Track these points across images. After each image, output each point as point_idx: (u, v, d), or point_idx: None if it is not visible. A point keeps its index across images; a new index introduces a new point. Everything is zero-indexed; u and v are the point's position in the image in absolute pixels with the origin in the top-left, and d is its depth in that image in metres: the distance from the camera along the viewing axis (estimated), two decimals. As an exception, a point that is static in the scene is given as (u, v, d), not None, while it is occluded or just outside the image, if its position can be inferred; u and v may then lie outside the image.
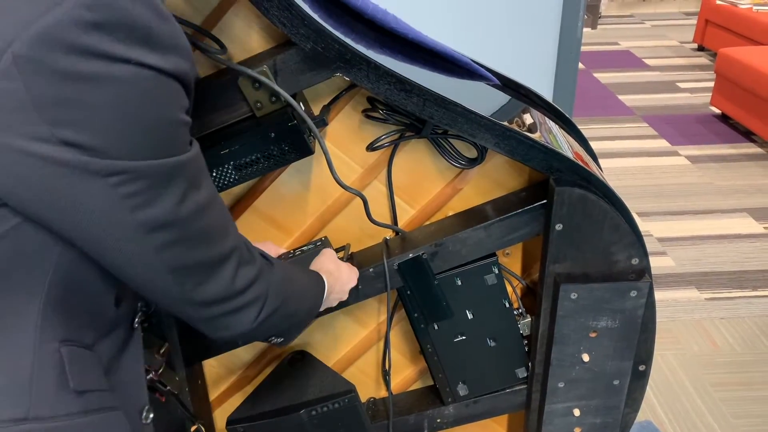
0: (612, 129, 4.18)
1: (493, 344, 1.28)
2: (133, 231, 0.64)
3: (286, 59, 1.00)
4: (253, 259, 0.79)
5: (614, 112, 4.45)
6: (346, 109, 1.15)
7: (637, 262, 1.16)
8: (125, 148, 0.60)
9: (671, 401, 2.08)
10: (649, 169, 3.64)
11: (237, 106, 1.03)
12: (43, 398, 0.68)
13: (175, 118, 0.64)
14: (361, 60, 1.00)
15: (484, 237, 1.16)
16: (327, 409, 1.24)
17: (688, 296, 2.58)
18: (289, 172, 1.21)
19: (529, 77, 1.45)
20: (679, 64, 5.45)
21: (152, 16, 0.60)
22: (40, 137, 0.57)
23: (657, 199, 3.30)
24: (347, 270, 1.12)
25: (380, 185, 1.23)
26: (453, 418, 1.36)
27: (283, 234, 1.27)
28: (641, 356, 1.25)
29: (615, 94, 4.78)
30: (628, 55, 5.74)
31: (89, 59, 0.56)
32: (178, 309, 0.75)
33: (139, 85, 0.59)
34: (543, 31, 1.74)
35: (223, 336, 0.79)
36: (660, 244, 2.91)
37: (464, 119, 1.06)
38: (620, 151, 3.86)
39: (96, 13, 0.56)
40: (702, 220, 3.11)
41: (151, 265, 0.67)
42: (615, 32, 6.49)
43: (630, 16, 7.18)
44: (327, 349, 1.39)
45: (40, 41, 0.55)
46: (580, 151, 1.30)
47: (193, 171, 0.67)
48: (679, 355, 2.28)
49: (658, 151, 3.85)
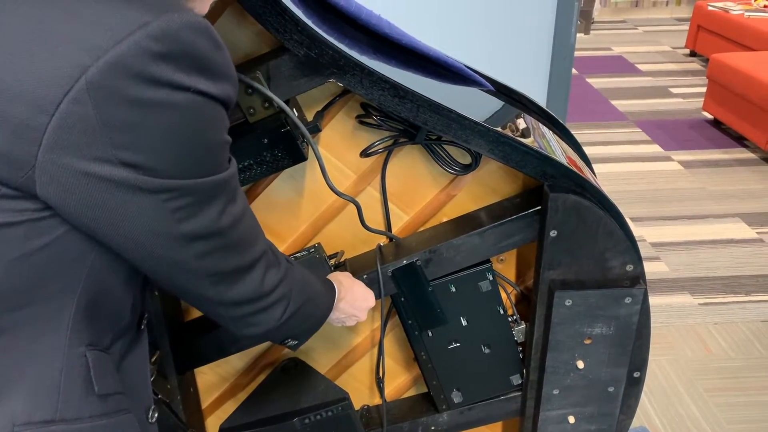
0: (605, 134, 4.18)
1: (487, 351, 1.27)
2: (178, 240, 0.68)
3: (279, 65, 0.99)
4: (279, 262, 0.84)
5: (607, 118, 4.46)
6: (339, 115, 1.15)
7: (632, 269, 1.15)
8: (177, 169, 0.64)
9: (665, 407, 2.08)
10: (642, 174, 3.65)
11: (229, 112, 1.02)
12: (71, 401, 0.71)
13: (221, 140, 0.69)
14: (355, 66, 1.00)
15: (479, 243, 1.16)
16: (320, 417, 1.23)
17: (681, 301, 2.59)
18: (282, 179, 1.20)
19: (523, 83, 1.45)
20: (671, 70, 5.47)
21: (211, 47, 0.64)
22: (102, 158, 0.60)
23: (650, 204, 3.31)
24: (362, 288, 1.13)
25: (374, 191, 1.22)
26: (447, 425, 1.36)
27: (276, 240, 1.26)
28: (636, 363, 1.24)
29: (608, 99, 4.79)
30: (620, 60, 5.76)
31: (155, 87, 0.60)
32: (210, 309, 0.79)
33: (194, 110, 0.64)
34: (537, 36, 1.74)
35: (250, 333, 0.83)
36: (653, 250, 2.91)
37: (458, 125, 1.05)
38: (613, 157, 3.86)
39: (163, 44, 0.59)
40: (695, 226, 3.11)
41: (192, 271, 0.72)
42: (608, 38, 6.52)
43: (623, 21, 7.22)
44: (320, 356, 1.38)
45: (112, 69, 0.58)
46: (574, 157, 1.30)
47: (231, 186, 0.72)
48: (673, 360, 2.28)
49: (651, 157, 3.86)
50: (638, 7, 7.37)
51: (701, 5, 5.58)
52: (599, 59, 5.79)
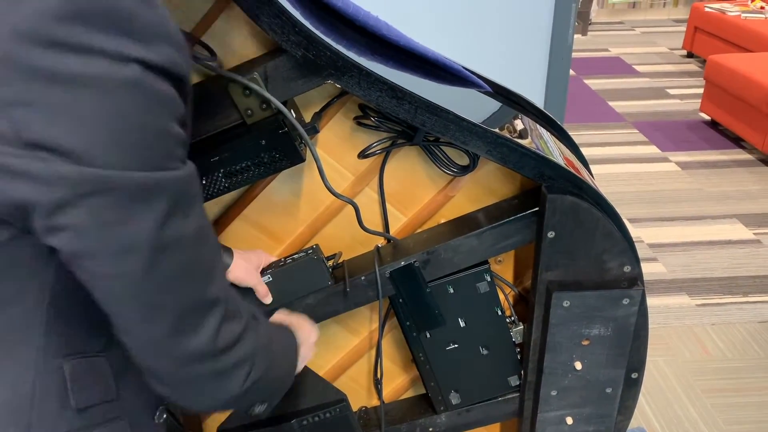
0: (602, 135, 4.19)
1: (485, 352, 1.27)
2: (101, 251, 0.56)
3: (276, 66, 0.99)
4: (239, 315, 0.70)
5: (605, 119, 4.47)
6: (337, 117, 1.15)
7: (630, 270, 1.15)
8: (99, 154, 0.53)
9: (663, 408, 2.08)
10: (640, 175, 3.65)
11: (227, 114, 1.02)
12: (44, 416, 0.65)
13: (163, 126, 0.57)
14: (353, 67, 1.00)
15: (476, 245, 1.16)
16: (318, 418, 1.22)
17: (679, 302, 2.59)
18: (280, 180, 1.20)
19: (520, 84, 1.45)
20: (668, 71, 5.48)
21: (134, 1, 0.54)
22: (4, 140, 0.52)
23: (648, 205, 3.31)
24: (307, 324, 1.06)
25: (372, 193, 1.22)
26: (445, 426, 1.36)
27: (273, 242, 1.26)
28: (633, 364, 1.24)
29: (605, 100, 4.80)
30: (618, 61, 5.77)
31: (64, 54, 0.50)
32: (153, 360, 0.65)
33: (121, 81, 0.53)
34: (534, 38, 1.74)
35: (205, 405, 0.70)
36: (651, 250, 2.91)
37: (456, 126, 1.05)
38: (611, 158, 3.87)
39: (69, 2, 0.50)
40: (692, 226, 3.12)
41: (120, 295, 0.59)
42: (605, 39, 6.53)
43: (620, 23, 7.23)
44: (318, 357, 1.37)
45: (11, 37, 0.50)
46: (571, 158, 1.30)
47: (180, 193, 0.59)
48: (671, 361, 2.28)
49: (648, 158, 3.87)
50: (635, 8, 7.38)
51: (698, 7, 5.59)
52: (597, 60, 5.80)
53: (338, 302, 1.19)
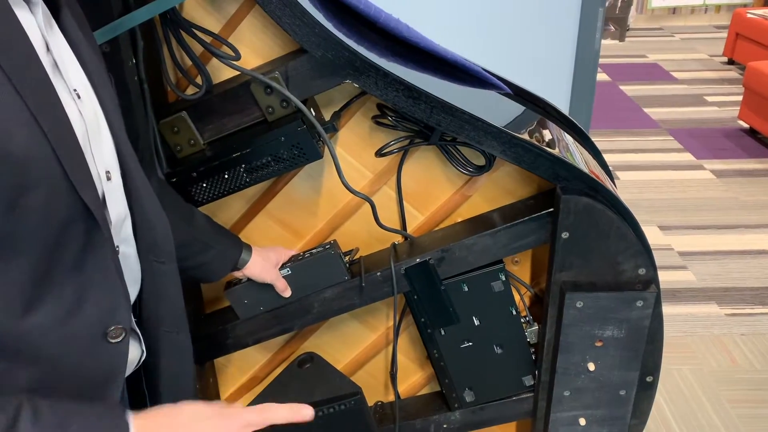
0: (636, 142, 4.14)
1: (499, 351, 1.28)
2: None
3: (297, 66, 1.03)
4: None
5: (639, 125, 4.41)
6: (357, 116, 1.18)
7: (644, 272, 1.16)
8: None
9: (686, 416, 2.06)
10: (673, 182, 3.60)
11: (250, 111, 1.06)
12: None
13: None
14: (370, 67, 1.03)
15: (491, 244, 1.17)
16: (333, 410, 1.25)
17: (707, 311, 2.55)
18: (301, 177, 1.23)
19: (545, 89, 1.45)
20: (707, 78, 5.39)
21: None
22: None
23: (680, 212, 3.27)
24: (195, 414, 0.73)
25: (390, 191, 1.25)
26: (459, 424, 1.37)
27: (294, 237, 1.29)
28: (648, 367, 1.24)
29: (641, 107, 4.74)
30: (655, 68, 5.69)
31: None
32: None
33: None
34: (560, 42, 1.75)
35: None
36: (681, 258, 2.87)
37: (471, 126, 1.08)
38: (644, 164, 3.82)
39: None
40: (725, 235, 3.07)
41: None
42: (643, 45, 6.44)
43: (659, 29, 7.12)
44: (336, 351, 1.41)
45: None
46: (596, 169, 1.29)
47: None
48: (696, 370, 2.25)
49: (682, 165, 3.81)
50: (676, 14, 7.26)
51: (740, 13, 5.48)
52: (633, 66, 5.73)
53: (354, 297, 1.22)
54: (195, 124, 1.06)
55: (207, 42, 1.03)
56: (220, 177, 1.08)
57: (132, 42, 0.98)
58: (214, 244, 1.06)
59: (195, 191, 1.10)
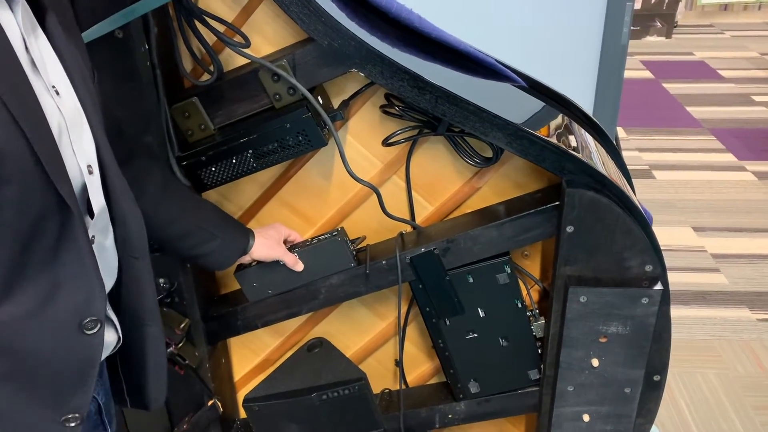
0: (676, 141, 4.04)
1: (505, 344, 1.29)
2: None
3: (304, 54, 1.05)
4: None
5: (680, 124, 4.31)
6: (367, 106, 1.19)
7: (651, 269, 1.14)
8: None
9: (707, 420, 2.02)
10: (712, 183, 3.51)
11: (258, 98, 1.08)
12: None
13: None
14: (376, 57, 1.04)
15: (496, 236, 1.18)
16: (337, 394, 1.28)
17: (738, 315, 2.49)
18: (312, 165, 1.25)
19: (568, 86, 1.43)
20: (756, 77, 5.21)
21: None
22: None
23: (716, 214, 3.18)
24: None
25: (399, 181, 1.26)
26: (464, 414, 1.38)
27: (305, 223, 1.32)
28: (655, 366, 1.23)
29: (683, 105, 4.62)
30: (702, 65, 5.53)
31: None
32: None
33: None
34: (583, 37, 1.71)
35: None
36: (714, 261, 2.80)
37: (476, 117, 1.08)
38: (682, 164, 3.73)
39: None
40: (761, 239, 2.97)
41: None
42: (690, 42, 6.26)
43: (709, 26, 6.91)
44: (346, 338, 1.43)
45: None
46: (616, 173, 1.26)
47: None
48: (722, 374, 2.20)
49: (722, 166, 3.71)
50: (727, 11, 7.04)
51: (793, 10, 5.29)
52: (678, 64, 5.59)
53: (360, 284, 1.24)
54: (206, 110, 1.09)
55: (217, 29, 1.06)
56: (228, 161, 1.11)
57: (145, 28, 1.01)
58: (219, 234, 1.09)
59: (204, 175, 1.13)
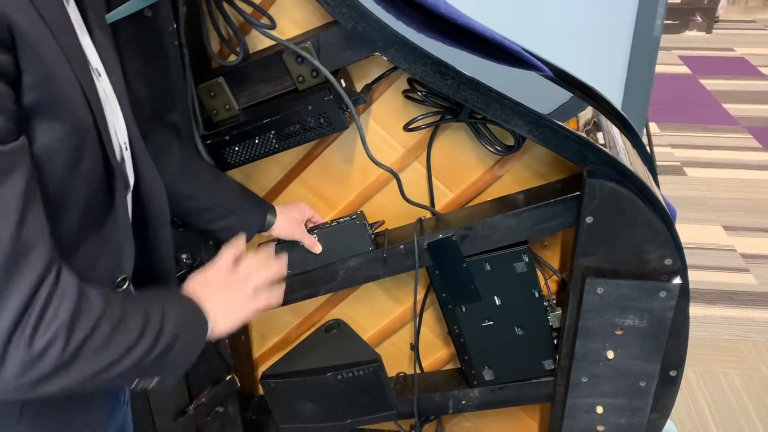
0: (710, 138, 3.97)
1: (520, 333, 1.29)
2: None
3: (328, 36, 1.06)
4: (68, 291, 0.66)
5: (716, 121, 4.22)
6: (390, 90, 1.20)
7: (671, 263, 1.13)
8: None
9: (728, 420, 1.99)
10: (746, 182, 3.44)
11: (282, 79, 1.10)
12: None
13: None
14: (399, 41, 1.04)
15: (514, 224, 1.18)
16: (352, 374, 1.29)
17: (765, 317, 2.44)
18: (335, 148, 1.27)
19: (597, 79, 1.41)
20: (799, 75, 5.08)
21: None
22: None
23: (748, 213, 3.12)
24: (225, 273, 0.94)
25: (420, 167, 1.27)
26: (478, 401, 1.38)
27: (326, 206, 1.33)
28: (672, 361, 1.22)
29: (720, 102, 4.53)
30: (742, 62, 5.40)
31: None
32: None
33: None
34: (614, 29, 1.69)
35: None
36: (743, 261, 2.75)
37: (498, 104, 1.08)
38: (716, 162, 3.66)
39: None
40: (795, 240, 2.92)
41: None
42: (732, 38, 6.12)
43: (752, 21, 6.73)
44: (364, 320, 1.44)
45: None
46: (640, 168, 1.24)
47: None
48: (745, 375, 2.17)
49: (758, 165, 3.63)
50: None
51: (841, 6, 5.13)
52: (717, 60, 5.46)
53: (377, 267, 1.25)
54: (231, 90, 1.11)
55: (243, 10, 1.07)
56: (251, 141, 1.12)
57: (174, 8, 1.03)
58: (236, 209, 1.11)
59: (227, 154, 1.15)
